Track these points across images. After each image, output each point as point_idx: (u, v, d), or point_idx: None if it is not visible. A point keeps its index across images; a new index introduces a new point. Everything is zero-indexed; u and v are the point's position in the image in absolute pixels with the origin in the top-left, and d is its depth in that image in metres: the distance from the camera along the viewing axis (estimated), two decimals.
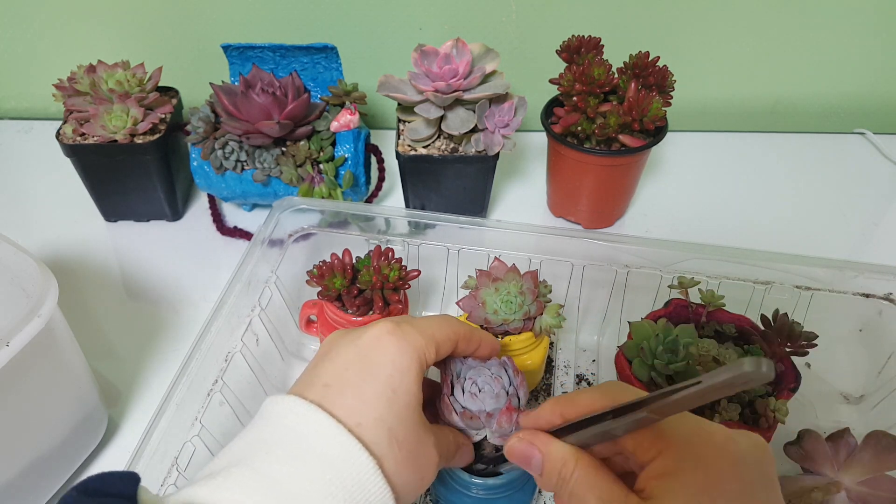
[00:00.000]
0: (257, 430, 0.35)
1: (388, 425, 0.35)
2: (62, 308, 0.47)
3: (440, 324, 0.40)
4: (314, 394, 0.35)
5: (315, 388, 0.36)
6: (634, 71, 0.69)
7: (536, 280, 0.54)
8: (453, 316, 0.43)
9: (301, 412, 0.34)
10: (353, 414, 0.34)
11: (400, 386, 0.36)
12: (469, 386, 0.43)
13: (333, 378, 0.36)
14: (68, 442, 0.51)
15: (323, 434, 0.33)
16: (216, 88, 0.68)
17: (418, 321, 0.39)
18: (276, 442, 0.33)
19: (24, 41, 0.89)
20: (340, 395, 0.35)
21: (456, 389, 0.43)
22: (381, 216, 0.62)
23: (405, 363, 0.36)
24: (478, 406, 0.42)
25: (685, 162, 0.88)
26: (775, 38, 0.87)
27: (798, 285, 0.56)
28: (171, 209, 0.78)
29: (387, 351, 0.36)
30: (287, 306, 0.62)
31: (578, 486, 0.33)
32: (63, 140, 0.71)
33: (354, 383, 0.35)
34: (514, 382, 0.44)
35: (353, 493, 0.32)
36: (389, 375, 0.36)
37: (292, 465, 0.32)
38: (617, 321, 0.61)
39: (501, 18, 0.85)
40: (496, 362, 0.45)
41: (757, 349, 0.51)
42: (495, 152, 0.69)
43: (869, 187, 0.85)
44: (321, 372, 0.37)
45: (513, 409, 0.42)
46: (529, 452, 0.35)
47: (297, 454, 0.32)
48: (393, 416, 0.35)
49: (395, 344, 0.37)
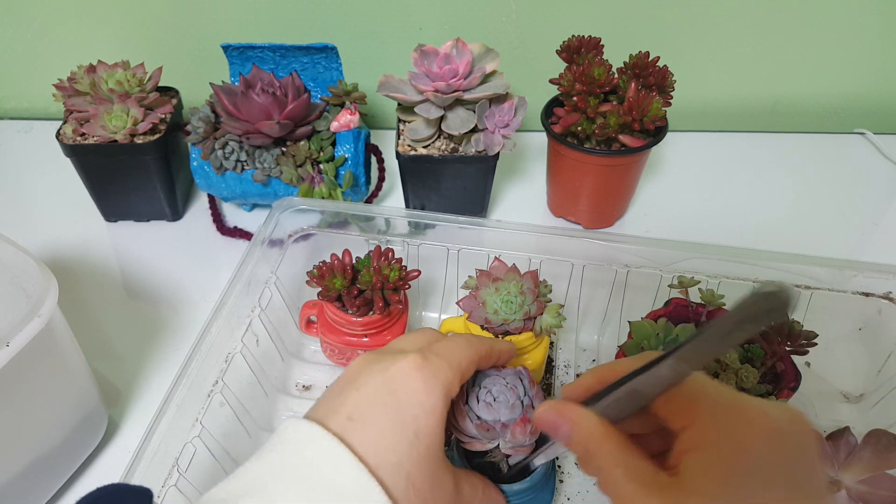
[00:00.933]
0: (276, 454, 0.34)
1: (407, 470, 0.34)
2: (62, 308, 0.47)
3: (465, 349, 0.39)
4: (337, 424, 0.34)
5: (339, 417, 0.35)
6: (634, 71, 0.69)
7: (537, 280, 0.54)
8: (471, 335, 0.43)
9: (323, 445, 0.33)
10: (373, 454, 0.33)
11: (424, 428, 0.35)
12: (484, 395, 0.42)
13: (358, 411, 0.35)
14: (68, 442, 0.51)
15: (343, 473, 0.32)
16: (216, 88, 0.68)
17: (446, 350, 0.38)
18: (294, 474, 0.32)
19: (24, 41, 0.89)
20: (363, 431, 0.34)
21: (471, 398, 0.43)
22: (380, 216, 0.62)
23: (432, 403, 0.36)
24: (493, 416, 0.42)
25: (685, 162, 0.88)
26: (775, 38, 0.87)
27: (798, 284, 0.56)
28: (171, 209, 0.78)
29: (415, 389, 0.35)
30: (287, 307, 0.62)
31: (605, 460, 0.32)
32: (63, 140, 0.71)
33: (379, 421, 0.34)
34: (530, 393, 0.44)
35: None
36: (415, 416, 0.35)
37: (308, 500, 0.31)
38: (617, 321, 0.61)
39: (501, 18, 0.85)
40: (511, 371, 0.44)
41: (757, 348, 0.51)
42: (495, 152, 0.70)
43: (869, 187, 0.85)
44: (346, 401, 0.36)
45: (527, 420, 0.42)
46: (557, 423, 0.34)
47: (314, 490, 0.32)
48: (413, 461, 0.34)
49: (424, 382, 0.36)
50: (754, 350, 0.51)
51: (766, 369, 0.51)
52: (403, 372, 0.36)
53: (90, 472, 0.55)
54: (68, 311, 0.49)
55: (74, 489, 0.54)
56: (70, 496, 0.53)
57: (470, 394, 0.43)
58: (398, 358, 0.37)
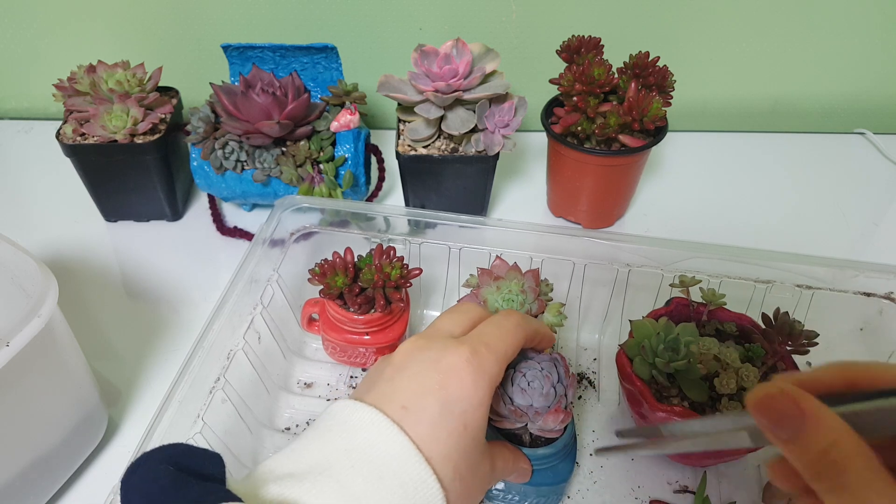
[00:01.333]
0: (340, 436, 0.35)
1: (455, 461, 0.35)
2: (62, 308, 0.47)
3: (513, 336, 0.40)
4: (393, 412, 0.35)
5: (393, 406, 0.36)
6: (634, 71, 0.69)
7: (538, 279, 0.54)
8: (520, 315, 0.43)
9: (385, 432, 0.34)
10: (426, 444, 0.35)
11: (471, 421, 0.36)
12: (518, 379, 0.43)
13: (412, 402, 0.36)
14: (68, 442, 0.51)
15: (404, 461, 0.34)
16: (216, 88, 0.68)
17: (493, 337, 0.39)
18: (359, 456, 0.34)
19: (24, 41, 0.89)
20: (418, 423, 0.35)
21: (505, 382, 0.43)
22: (381, 215, 0.62)
23: (479, 397, 0.37)
24: (526, 401, 0.43)
25: (685, 162, 0.88)
26: (775, 38, 0.87)
27: (799, 284, 0.56)
28: (171, 209, 0.78)
29: (465, 384, 0.36)
30: (289, 305, 0.62)
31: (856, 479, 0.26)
32: (63, 140, 0.71)
33: (431, 414, 0.35)
34: (565, 382, 0.44)
35: None
36: (464, 411, 0.36)
37: (374, 484, 0.33)
38: (618, 320, 0.61)
39: (501, 18, 0.85)
40: (547, 358, 0.45)
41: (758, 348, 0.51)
42: (495, 152, 0.70)
43: (869, 187, 0.85)
44: (399, 389, 0.37)
45: (561, 410, 0.43)
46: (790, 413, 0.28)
47: (380, 475, 0.33)
48: (460, 452, 0.36)
49: (473, 377, 0.37)
50: (755, 349, 0.51)
51: (767, 369, 0.51)
52: (454, 367, 0.37)
53: (90, 472, 0.55)
54: (68, 311, 0.49)
55: (75, 489, 0.54)
56: (70, 496, 0.53)
57: (504, 376, 0.43)
58: (448, 348, 0.38)
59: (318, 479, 0.32)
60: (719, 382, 0.48)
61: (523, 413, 0.42)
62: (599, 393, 0.60)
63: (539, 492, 0.48)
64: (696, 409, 0.49)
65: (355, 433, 0.35)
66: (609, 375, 0.61)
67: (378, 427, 0.34)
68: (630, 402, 0.53)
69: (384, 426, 0.34)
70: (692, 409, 0.49)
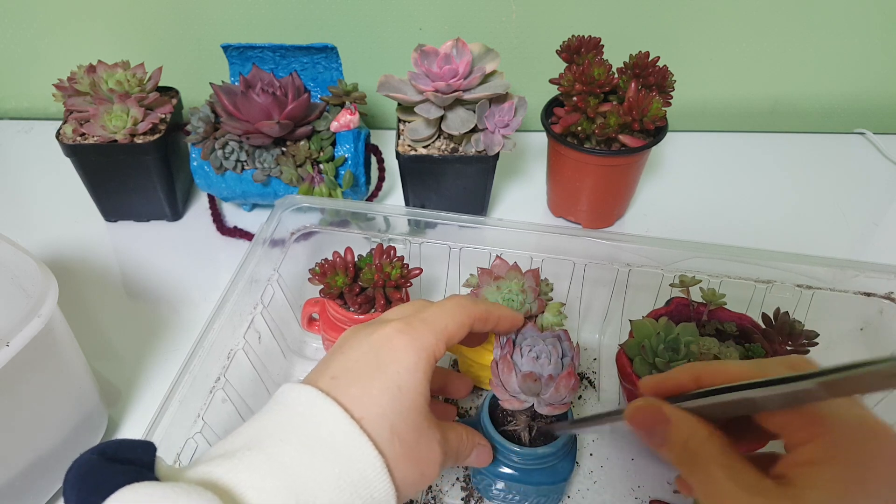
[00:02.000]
0: (272, 414, 0.35)
1: (391, 421, 0.35)
2: (62, 308, 0.47)
3: (453, 313, 0.40)
4: (324, 384, 0.36)
5: (325, 378, 0.36)
6: (634, 71, 0.69)
7: (538, 278, 0.54)
8: (467, 297, 0.43)
9: (314, 401, 0.35)
10: (358, 406, 0.35)
11: (406, 383, 0.36)
12: (526, 353, 0.44)
13: (342, 371, 0.37)
14: (68, 442, 0.51)
15: (332, 425, 0.34)
16: (216, 88, 0.68)
17: (430, 314, 0.39)
18: (288, 429, 0.34)
19: (24, 41, 0.89)
20: (348, 387, 0.36)
21: (515, 354, 0.45)
22: (381, 215, 0.62)
23: (413, 361, 0.37)
24: (538, 369, 0.43)
25: (685, 162, 0.88)
26: (775, 38, 0.87)
27: (799, 284, 0.56)
28: (171, 209, 0.78)
29: (396, 350, 0.37)
30: (289, 304, 0.62)
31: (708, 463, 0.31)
32: (63, 140, 0.71)
33: (362, 377, 0.36)
34: (570, 353, 0.45)
35: (358, 488, 0.33)
36: (396, 373, 0.36)
37: (304, 453, 0.33)
38: (618, 320, 0.61)
39: (501, 18, 0.85)
40: (550, 334, 0.46)
41: (758, 348, 0.51)
42: (495, 152, 0.70)
43: (869, 187, 0.85)
44: (332, 364, 0.37)
45: (573, 374, 0.44)
46: (653, 422, 0.34)
47: (309, 443, 0.33)
48: (396, 412, 0.35)
49: (405, 344, 0.37)
50: (755, 349, 0.51)
51: None
52: (386, 336, 0.38)
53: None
54: (68, 311, 0.49)
55: None
56: None
57: (514, 350, 0.45)
58: (382, 324, 0.39)
59: (246, 455, 0.33)
60: None
61: (538, 378, 0.43)
62: (599, 393, 0.60)
63: (539, 491, 0.48)
64: None
65: (287, 409, 0.35)
66: (609, 375, 0.61)
67: (307, 397, 0.35)
68: (630, 401, 0.53)
69: (312, 396, 0.35)
70: None
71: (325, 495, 0.32)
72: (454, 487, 0.53)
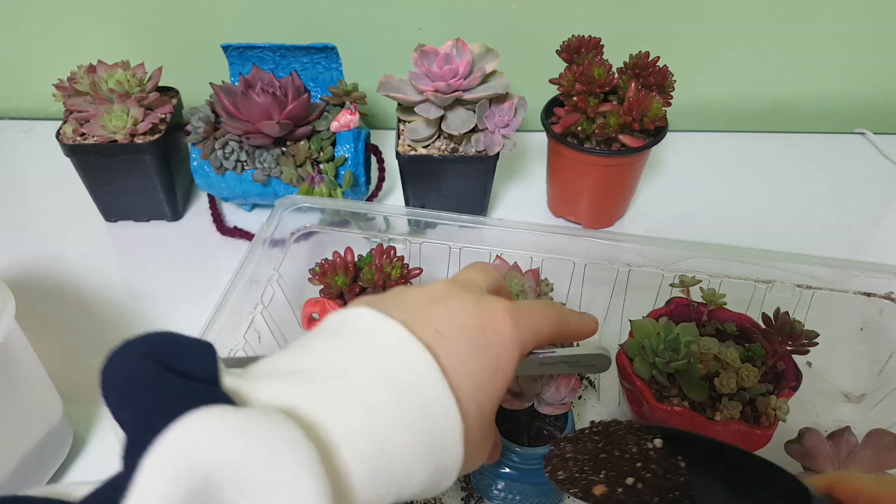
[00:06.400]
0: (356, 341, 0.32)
1: (480, 401, 0.33)
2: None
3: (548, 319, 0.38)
4: (425, 334, 0.32)
5: (426, 329, 0.33)
6: (634, 71, 0.69)
7: (538, 278, 0.54)
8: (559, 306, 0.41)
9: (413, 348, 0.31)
10: (455, 373, 0.32)
11: (502, 368, 0.34)
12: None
13: (448, 329, 0.33)
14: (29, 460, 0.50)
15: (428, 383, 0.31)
16: (216, 88, 0.68)
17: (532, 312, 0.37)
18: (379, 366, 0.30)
19: (24, 41, 0.89)
20: (450, 350, 0.32)
21: None
22: (381, 215, 0.62)
23: (513, 349, 0.35)
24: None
25: (685, 162, 0.88)
26: (775, 38, 0.87)
27: (799, 284, 0.56)
28: (171, 209, 0.78)
29: (503, 333, 0.35)
30: (289, 304, 0.62)
31: None
32: (63, 140, 0.71)
33: (466, 345, 0.33)
34: None
35: (434, 451, 0.30)
36: (498, 355, 0.34)
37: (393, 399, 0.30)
38: (618, 319, 0.61)
39: (501, 18, 0.85)
40: None
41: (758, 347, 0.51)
42: (495, 152, 0.70)
43: (869, 187, 0.85)
44: (435, 315, 0.34)
45: (573, 375, 0.43)
46: None
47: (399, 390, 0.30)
48: (487, 393, 0.33)
49: (512, 330, 0.35)
50: (755, 349, 0.51)
51: (767, 368, 0.51)
52: (496, 312, 0.35)
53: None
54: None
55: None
56: None
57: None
58: (490, 298, 0.36)
59: (331, 381, 0.29)
60: (719, 382, 0.48)
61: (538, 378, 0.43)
62: (599, 393, 0.60)
63: (540, 491, 0.48)
64: (696, 408, 0.49)
65: (378, 343, 0.31)
66: (609, 375, 0.61)
67: (406, 343, 0.31)
68: (630, 401, 0.53)
69: (412, 343, 0.31)
70: (692, 409, 0.49)
71: (405, 451, 0.29)
72: (454, 487, 0.53)
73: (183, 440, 0.23)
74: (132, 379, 0.26)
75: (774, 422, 0.47)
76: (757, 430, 0.47)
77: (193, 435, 0.24)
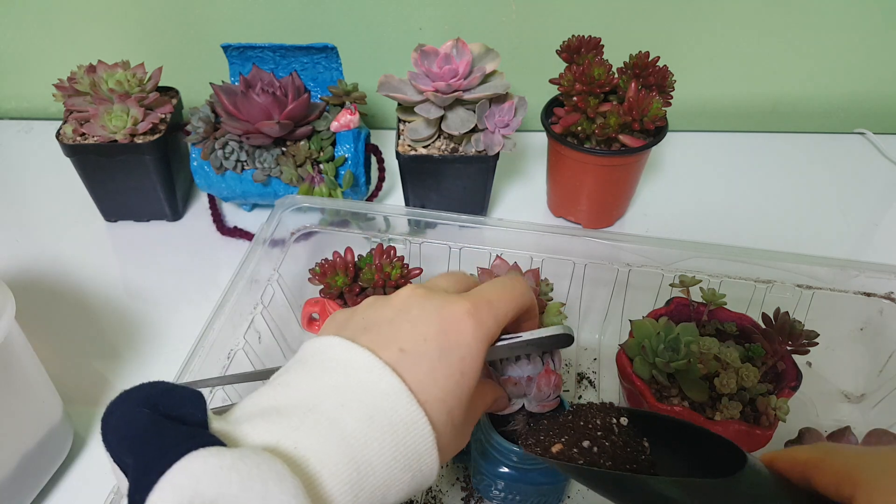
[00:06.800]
0: (327, 373, 0.34)
1: (450, 406, 0.35)
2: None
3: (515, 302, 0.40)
4: (390, 355, 0.35)
5: (390, 349, 0.35)
6: (634, 71, 0.69)
7: (538, 278, 0.54)
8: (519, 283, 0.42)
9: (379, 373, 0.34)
10: (422, 388, 0.34)
11: (468, 370, 0.36)
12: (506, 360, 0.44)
13: (411, 345, 0.35)
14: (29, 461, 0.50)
15: (395, 402, 0.33)
16: (216, 88, 0.68)
17: (496, 299, 0.39)
18: (350, 395, 0.33)
19: (24, 41, 0.89)
20: (415, 366, 0.35)
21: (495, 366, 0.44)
22: (381, 215, 0.62)
23: (478, 348, 0.37)
24: (517, 372, 0.43)
25: (685, 162, 0.88)
26: (775, 38, 0.87)
27: (799, 284, 0.56)
28: (171, 209, 0.78)
29: (464, 334, 0.36)
30: (289, 304, 0.62)
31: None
32: (63, 140, 0.71)
33: (430, 358, 0.35)
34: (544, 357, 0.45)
35: (410, 462, 0.33)
36: (462, 358, 0.36)
37: (365, 423, 0.32)
38: (618, 320, 0.61)
39: (501, 18, 0.85)
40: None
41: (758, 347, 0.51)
42: (495, 152, 0.70)
43: (869, 187, 0.85)
44: (398, 332, 0.36)
45: (551, 371, 0.43)
46: None
47: (371, 413, 0.32)
48: (455, 398, 0.35)
49: (473, 329, 0.37)
50: (755, 349, 0.51)
51: (767, 368, 0.51)
52: (455, 315, 0.37)
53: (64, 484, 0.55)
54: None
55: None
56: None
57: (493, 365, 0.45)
58: (451, 300, 0.38)
59: (307, 416, 0.32)
60: (719, 382, 0.48)
61: (519, 381, 0.43)
62: (599, 393, 0.60)
63: (539, 491, 0.48)
64: (696, 408, 0.49)
65: (348, 373, 0.34)
66: (609, 375, 0.61)
67: (371, 368, 0.34)
68: (630, 401, 0.53)
69: (377, 367, 0.34)
70: (693, 409, 0.49)
71: (382, 468, 0.32)
72: (454, 488, 0.53)
73: (185, 477, 0.26)
74: (133, 426, 0.29)
75: (774, 422, 0.47)
76: (757, 430, 0.47)
77: (194, 473, 0.26)
